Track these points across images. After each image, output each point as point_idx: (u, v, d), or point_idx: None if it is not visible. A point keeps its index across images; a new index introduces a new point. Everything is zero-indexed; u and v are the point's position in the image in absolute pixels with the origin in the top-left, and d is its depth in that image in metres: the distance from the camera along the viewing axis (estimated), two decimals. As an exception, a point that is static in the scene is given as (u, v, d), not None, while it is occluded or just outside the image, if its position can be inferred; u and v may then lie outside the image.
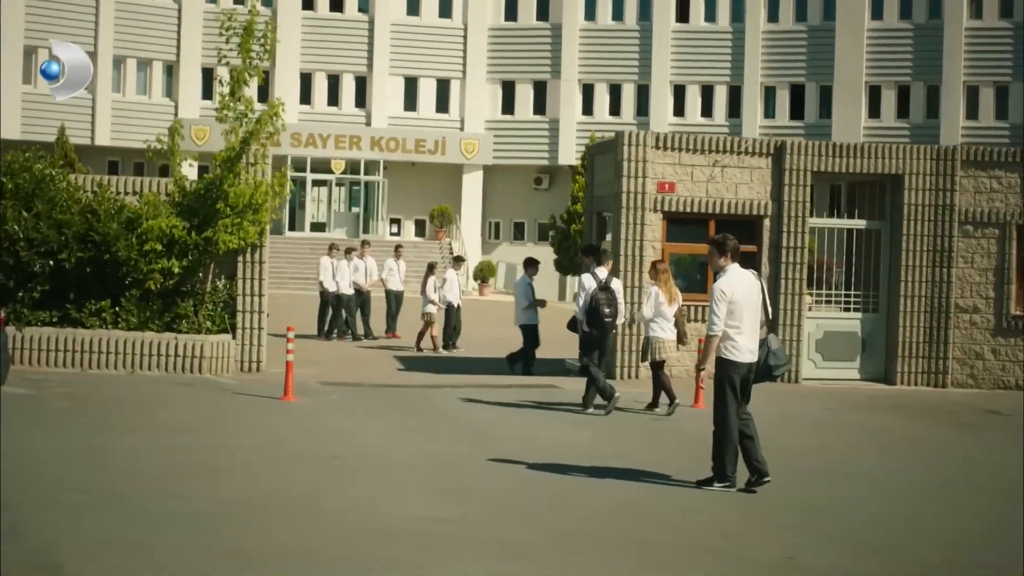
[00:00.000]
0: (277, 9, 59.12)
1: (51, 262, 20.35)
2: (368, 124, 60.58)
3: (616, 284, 18.27)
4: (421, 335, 27.75)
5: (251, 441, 14.49)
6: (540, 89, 61.57)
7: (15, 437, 13.74)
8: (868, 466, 14.72)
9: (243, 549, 9.42)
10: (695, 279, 22.67)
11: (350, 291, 29.63)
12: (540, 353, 23.22)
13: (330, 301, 29.75)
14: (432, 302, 27.63)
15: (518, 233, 61.75)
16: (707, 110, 60.63)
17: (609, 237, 24.55)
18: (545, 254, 55.96)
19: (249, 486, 11.79)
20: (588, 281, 17.95)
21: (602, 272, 18.07)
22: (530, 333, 22.98)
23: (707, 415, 18.05)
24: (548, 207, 58.65)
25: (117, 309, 20.58)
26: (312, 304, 31.88)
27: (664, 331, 18.31)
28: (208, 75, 59.87)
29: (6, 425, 14.47)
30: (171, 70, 59.51)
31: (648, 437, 16.26)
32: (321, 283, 30.05)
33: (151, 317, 20.62)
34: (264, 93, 41.44)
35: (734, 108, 60.27)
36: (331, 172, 61.15)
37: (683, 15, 60.56)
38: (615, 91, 61.16)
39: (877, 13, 58.64)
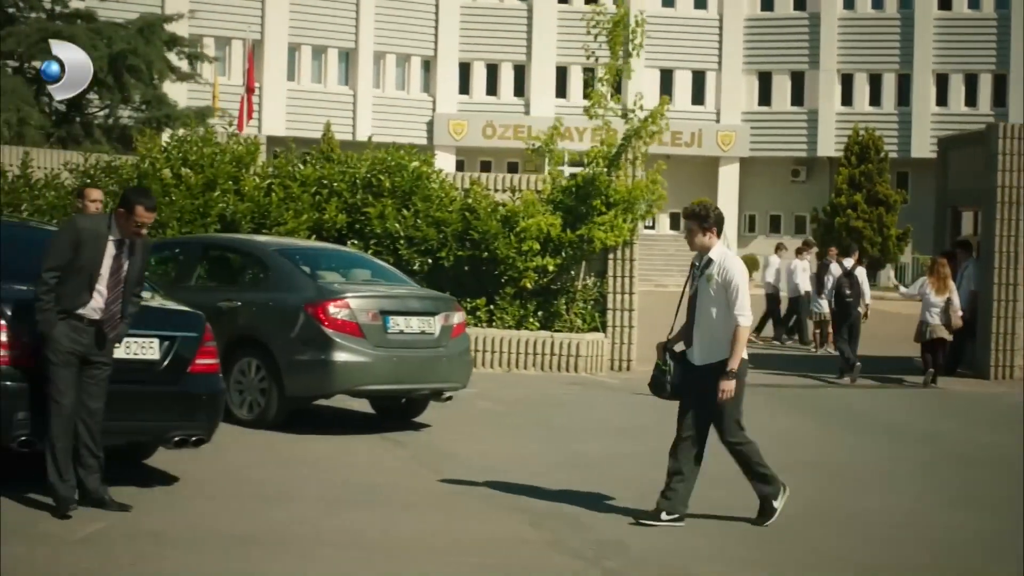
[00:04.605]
0: (533, 4, 59.22)
1: (430, 260, 20.42)
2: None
3: (860, 272, 21.70)
4: (823, 335, 25.95)
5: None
6: (797, 80, 60.71)
7: (463, 438, 13.69)
8: None
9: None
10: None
11: (802, 292, 27.36)
12: (880, 351, 23.34)
13: (771, 303, 28.40)
14: (828, 301, 24.84)
15: (774, 226, 60.89)
16: (971, 99, 59.19)
17: (966, 232, 23.93)
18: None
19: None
20: (835, 269, 22.53)
21: (848, 262, 21.72)
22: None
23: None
24: (806, 200, 57.81)
25: (492, 307, 20.57)
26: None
27: (931, 316, 20.53)
28: (465, 70, 60.34)
29: (446, 424, 14.49)
30: (428, 65, 60.03)
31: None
32: (772, 284, 28.49)
33: (526, 315, 20.57)
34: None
35: (999, 97, 58.71)
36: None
37: (945, 2, 59.17)
38: (875, 81, 60.05)
39: None
